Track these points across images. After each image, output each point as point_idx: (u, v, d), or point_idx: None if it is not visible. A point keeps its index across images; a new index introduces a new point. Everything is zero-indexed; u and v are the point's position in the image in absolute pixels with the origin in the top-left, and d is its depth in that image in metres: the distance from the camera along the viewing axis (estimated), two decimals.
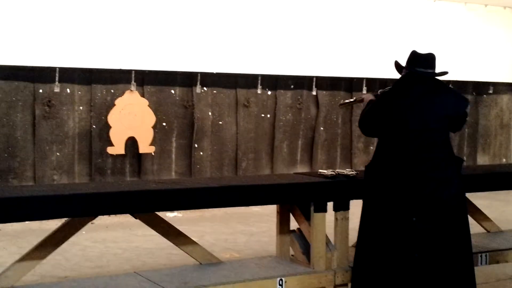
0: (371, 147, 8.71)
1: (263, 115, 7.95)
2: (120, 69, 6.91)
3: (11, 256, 5.40)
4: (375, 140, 9.09)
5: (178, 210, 3.55)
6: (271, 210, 7.03)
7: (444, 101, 3.50)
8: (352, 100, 4.12)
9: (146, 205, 3.21)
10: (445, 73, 3.58)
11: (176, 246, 3.57)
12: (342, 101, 4.37)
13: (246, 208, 7.13)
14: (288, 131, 8.13)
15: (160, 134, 7.30)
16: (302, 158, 8.28)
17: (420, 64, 3.50)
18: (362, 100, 3.86)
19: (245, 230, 6.56)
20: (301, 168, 8.18)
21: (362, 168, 8.01)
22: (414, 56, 3.55)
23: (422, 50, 3.78)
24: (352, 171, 3.91)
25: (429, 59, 3.52)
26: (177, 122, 7.45)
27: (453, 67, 7.79)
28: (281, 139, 8.10)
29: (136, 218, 3.41)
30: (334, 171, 3.79)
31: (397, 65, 3.66)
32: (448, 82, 8.53)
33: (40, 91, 6.72)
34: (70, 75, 6.81)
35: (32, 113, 6.72)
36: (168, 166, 7.46)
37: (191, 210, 6.76)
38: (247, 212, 7.27)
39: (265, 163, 8.03)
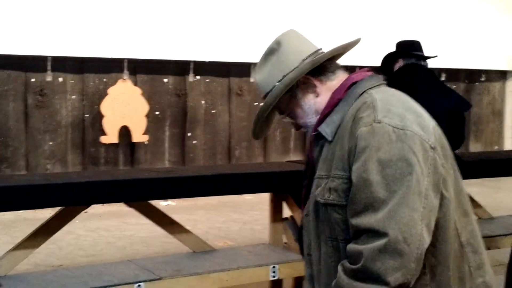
0: None
1: (256, 103, 7.95)
2: (113, 58, 6.89)
3: (4, 245, 5.38)
4: None
5: (172, 198, 3.57)
6: (263, 198, 7.06)
7: (449, 96, 3.53)
8: None
9: (139, 193, 3.22)
10: (434, 56, 3.63)
11: (170, 234, 3.59)
12: None
13: (239, 196, 7.15)
14: (281, 120, 8.12)
15: (153, 123, 7.30)
16: (295, 147, 8.29)
17: (412, 49, 3.53)
18: None
19: (238, 219, 6.59)
20: (294, 157, 8.20)
21: None
22: (403, 44, 3.59)
23: (414, 37, 3.81)
24: None
25: (418, 44, 3.57)
26: (170, 111, 7.44)
27: (445, 55, 7.82)
28: (274, 127, 8.10)
29: (129, 207, 3.42)
30: None
31: (390, 58, 3.65)
32: (441, 70, 8.57)
33: (32, 80, 6.70)
34: (62, 64, 6.79)
35: (25, 102, 6.70)
36: (161, 155, 7.47)
37: (185, 199, 6.78)
38: (240, 200, 7.30)
39: (258, 151, 8.04)
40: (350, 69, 1.79)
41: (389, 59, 3.68)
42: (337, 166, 1.56)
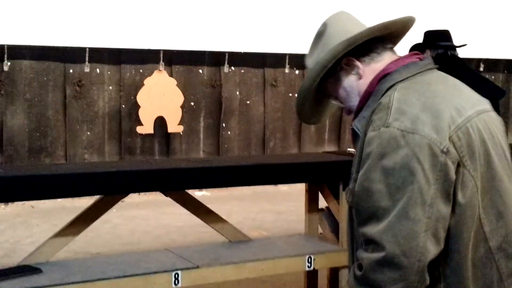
0: None
1: (290, 94, 7.95)
2: (149, 49, 6.95)
3: (44, 233, 5.52)
4: None
5: (209, 188, 3.62)
6: (298, 189, 7.07)
7: (481, 85, 3.48)
8: None
9: (177, 183, 3.26)
10: (464, 44, 3.58)
11: (206, 224, 3.62)
12: None
13: (273, 187, 7.17)
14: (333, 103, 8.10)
15: (188, 113, 7.35)
16: (330, 137, 8.27)
17: (440, 39, 3.49)
18: None
19: (272, 209, 6.61)
20: (329, 147, 8.18)
21: None
22: (430, 34, 3.55)
23: (451, 27, 3.75)
24: None
25: (446, 33, 3.53)
26: (205, 102, 7.48)
27: (484, 45, 7.70)
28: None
29: (166, 196, 3.46)
30: None
31: (419, 47, 3.61)
32: (479, 60, 8.43)
33: (71, 71, 6.81)
34: (100, 55, 6.88)
35: (63, 93, 6.81)
36: (196, 145, 7.52)
37: (219, 189, 6.82)
38: (275, 191, 7.31)
39: (293, 142, 8.04)
40: None
41: (415, 50, 3.63)
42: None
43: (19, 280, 2.94)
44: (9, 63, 6.43)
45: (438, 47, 3.52)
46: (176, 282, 3.12)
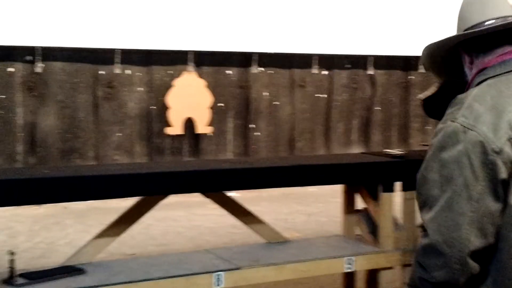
0: (428, 127, 8.61)
1: (318, 95, 7.94)
2: (178, 50, 6.99)
3: (79, 234, 5.58)
4: (432, 120, 8.94)
5: (254, 188, 3.62)
6: (327, 190, 7.07)
7: None
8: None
9: (217, 184, 3.27)
10: None
11: (245, 224, 3.63)
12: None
13: (302, 188, 7.17)
14: (343, 111, 8.10)
15: (216, 114, 7.38)
16: (358, 139, 8.24)
17: None
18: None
19: (302, 210, 6.60)
20: (356, 149, 8.16)
21: (418, 148, 7.94)
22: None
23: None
24: (401, 150, 3.87)
25: None
26: (233, 103, 7.50)
27: None
28: (336, 119, 8.07)
29: (207, 198, 3.47)
30: (401, 151, 3.78)
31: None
32: None
33: (101, 72, 6.86)
34: (130, 57, 6.92)
35: (94, 95, 6.87)
36: (225, 146, 7.54)
37: (248, 190, 6.83)
38: (303, 192, 7.30)
39: (321, 143, 8.03)
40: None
41: None
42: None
43: (63, 281, 2.97)
44: (42, 65, 6.50)
45: None
46: (218, 283, 3.13)
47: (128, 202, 5.16)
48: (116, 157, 7.03)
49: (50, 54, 6.57)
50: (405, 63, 8.27)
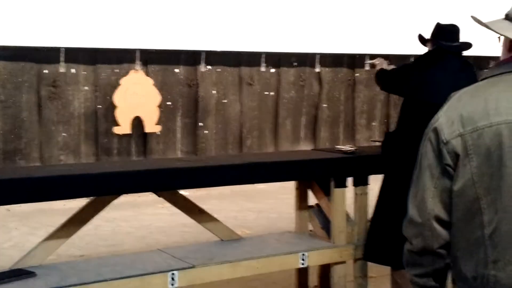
0: (374, 123, 8.77)
1: (266, 92, 7.97)
2: (125, 49, 6.89)
3: (24, 236, 5.44)
4: (378, 116, 9.11)
5: (203, 187, 3.61)
6: (276, 187, 7.10)
7: (472, 78, 3.53)
8: (373, 61, 4.11)
9: (171, 183, 3.24)
10: (469, 45, 3.58)
11: (198, 223, 3.61)
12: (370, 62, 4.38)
13: (251, 185, 7.17)
14: (291, 109, 8.16)
15: (165, 113, 7.31)
16: (305, 135, 8.32)
17: (444, 37, 3.51)
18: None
19: (253, 208, 6.62)
20: (305, 146, 8.23)
21: (364, 144, 8.07)
22: (438, 29, 3.56)
23: (428, 25, 3.74)
24: (352, 147, 3.94)
25: (453, 31, 3.54)
26: (181, 101, 7.45)
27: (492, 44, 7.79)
28: (284, 116, 8.13)
29: (159, 196, 3.44)
30: (352, 147, 3.83)
31: (421, 38, 3.67)
32: (489, 58, 8.46)
33: (45, 71, 6.70)
34: (75, 55, 6.78)
35: (38, 94, 6.71)
36: (173, 145, 7.49)
37: (198, 189, 6.80)
38: (252, 189, 7.30)
39: (269, 140, 8.07)
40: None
41: (422, 40, 3.67)
42: None
43: (14, 285, 2.90)
44: None
45: (438, 43, 3.54)
46: (173, 282, 3.11)
47: (74, 203, 5.06)
48: (62, 157, 6.88)
49: None
50: (351, 61, 8.39)
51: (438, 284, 1.74)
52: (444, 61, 3.51)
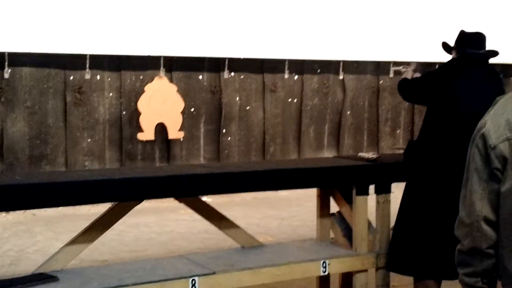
0: (398, 131, 8.70)
1: (290, 99, 7.97)
2: (149, 56, 6.94)
3: (48, 241, 5.50)
4: (402, 124, 9.04)
5: (227, 193, 3.63)
6: (298, 194, 7.10)
7: (498, 86, 3.48)
8: (400, 68, 4.07)
9: (192, 189, 3.25)
10: (496, 53, 3.53)
11: (219, 229, 3.61)
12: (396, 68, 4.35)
13: (274, 192, 7.17)
14: (314, 116, 8.14)
15: (188, 119, 7.35)
16: (329, 143, 8.29)
17: (469, 45, 3.46)
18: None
19: (275, 215, 6.61)
20: (328, 153, 8.20)
21: (388, 152, 8.00)
22: (463, 36, 3.52)
23: (453, 32, 3.70)
24: (374, 154, 3.88)
25: (479, 38, 3.49)
26: (205, 108, 7.48)
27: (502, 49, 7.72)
28: (308, 123, 8.11)
29: (180, 202, 3.45)
30: (375, 154, 3.81)
31: (445, 46, 3.62)
32: (495, 65, 8.40)
33: (71, 78, 6.78)
34: (100, 62, 6.86)
35: (63, 100, 6.79)
36: (197, 151, 7.51)
37: (221, 195, 6.81)
38: (276, 196, 7.31)
39: (292, 147, 8.05)
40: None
41: (447, 47, 3.63)
42: None
43: None
44: (9, 71, 6.40)
45: (462, 51, 3.50)
46: None
47: (98, 209, 5.11)
48: (86, 163, 6.95)
49: (18, 59, 6.47)
50: (375, 68, 8.35)
51: (487, 285, 1.79)
52: (469, 69, 3.47)
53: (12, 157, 6.60)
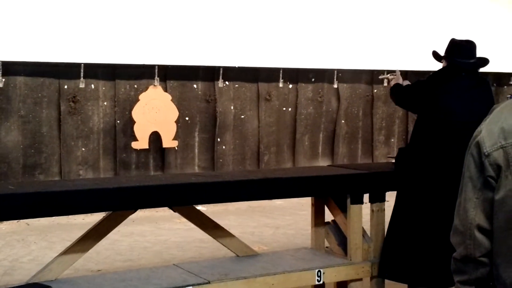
0: (392, 139, 8.73)
1: (284, 108, 7.98)
2: (143, 65, 6.95)
3: (42, 250, 5.47)
4: (396, 133, 9.07)
5: (222, 202, 3.61)
6: (293, 203, 7.10)
7: (487, 95, 3.51)
8: (387, 75, 4.11)
9: (187, 198, 3.25)
10: (486, 62, 3.56)
11: (214, 238, 3.61)
12: (381, 75, 4.40)
13: (269, 201, 7.17)
14: (309, 124, 8.15)
15: (183, 128, 7.35)
16: (323, 151, 8.30)
17: (459, 54, 3.49)
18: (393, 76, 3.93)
19: (270, 223, 6.60)
20: (323, 162, 8.21)
21: (383, 160, 8.02)
22: (453, 45, 3.54)
23: (446, 42, 3.71)
24: (394, 74, 3.93)
25: (469, 47, 3.51)
26: (199, 117, 7.49)
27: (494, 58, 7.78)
28: (302, 132, 8.12)
29: (175, 212, 3.45)
30: (394, 74, 3.87)
31: (435, 55, 3.65)
32: (487, 74, 8.45)
33: (65, 87, 6.78)
34: (94, 71, 6.86)
35: (58, 109, 6.78)
36: (191, 160, 7.51)
37: (215, 204, 6.81)
38: (270, 205, 7.31)
39: (287, 156, 8.06)
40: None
41: (437, 56, 3.65)
42: None
43: None
44: (3, 80, 6.39)
45: (452, 60, 3.52)
46: None
47: (92, 218, 5.10)
48: (81, 172, 6.94)
49: (12, 68, 6.47)
50: (369, 77, 8.38)
51: None
52: (458, 78, 3.50)
53: (5, 166, 6.58)
